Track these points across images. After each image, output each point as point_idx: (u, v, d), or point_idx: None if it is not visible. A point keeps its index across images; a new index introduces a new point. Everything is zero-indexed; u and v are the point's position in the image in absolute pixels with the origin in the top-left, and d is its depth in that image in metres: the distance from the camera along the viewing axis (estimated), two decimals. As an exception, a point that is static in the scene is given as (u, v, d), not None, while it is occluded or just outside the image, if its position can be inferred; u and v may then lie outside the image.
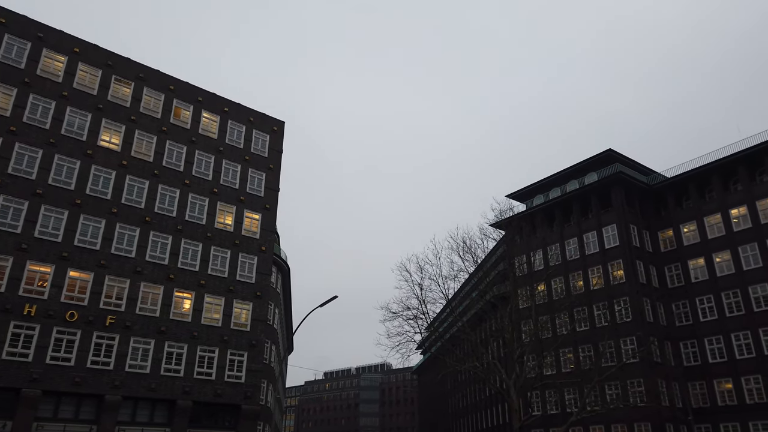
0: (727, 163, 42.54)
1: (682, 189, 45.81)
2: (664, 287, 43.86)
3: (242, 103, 37.38)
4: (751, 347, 37.92)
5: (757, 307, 38.20)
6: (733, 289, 39.88)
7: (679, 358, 41.40)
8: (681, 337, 41.95)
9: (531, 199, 53.24)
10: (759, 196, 40.22)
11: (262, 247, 34.60)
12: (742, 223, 40.67)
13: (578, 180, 49.19)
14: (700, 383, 40.16)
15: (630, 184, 45.75)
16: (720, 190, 42.79)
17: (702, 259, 42.35)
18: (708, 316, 40.96)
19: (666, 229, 45.45)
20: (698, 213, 43.52)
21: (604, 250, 44.51)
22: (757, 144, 40.74)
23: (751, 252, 39.57)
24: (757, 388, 36.99)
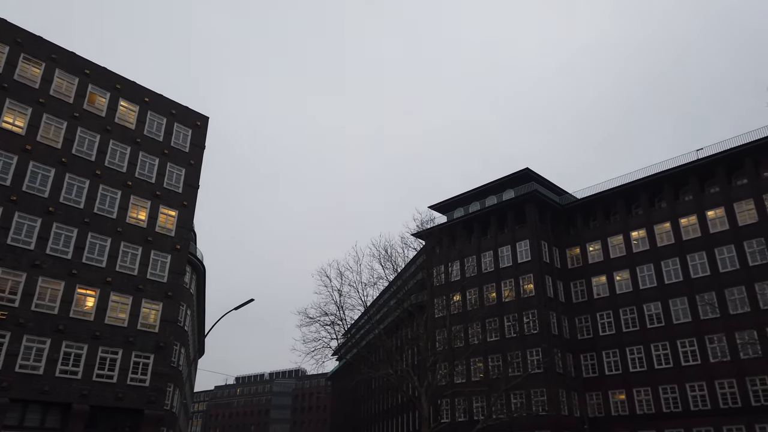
0: (629, 189, 45.80)
1: (590, 210, 48.81)
2: (569, 302, 46.42)
3: (164, 95, 35.88)
4: (644, 361, 40.89)
5: (650, 324, 41.30)
6: (629, 306, 42.89)
7: (579, 370, 43.90)
8: (582, 350, 44.52)
9: (452, 211, 54.76)
10: (657, 221, 43.58)
11: (177, 246, 33.27)
12: (641, 245, 43.89)
13: (497, 196, 51.21)
14: (596, 394, 42.76)
15: (543, 202, 48.16)
16: (623, 213, 45.98)
17: (604, 277, 45.26)
18: (607, 330, 43.77)
19: (574, 247, 48.20)
20: (603, 233, 46.52)
21: (517, 264, 46.49)
22: (657, 173, 44.19)
23: (648, 272, 42.77)
24: (647, 400, 39.90)
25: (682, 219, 42.24)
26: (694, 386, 38.01)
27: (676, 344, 39.58)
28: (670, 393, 38.97)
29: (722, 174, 41.14)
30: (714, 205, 40.86)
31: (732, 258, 38.74)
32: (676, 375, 38.92)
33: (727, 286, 38.23)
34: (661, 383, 39.48)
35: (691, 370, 38.42)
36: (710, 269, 39.49)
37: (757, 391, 35.19)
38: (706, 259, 39.90)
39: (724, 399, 36.43)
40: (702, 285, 39.42)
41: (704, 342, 38.30)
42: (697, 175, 42.60)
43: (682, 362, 38.96)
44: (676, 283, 40.94)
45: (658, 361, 40.15)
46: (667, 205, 43.52)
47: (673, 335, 39.88)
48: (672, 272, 41.44)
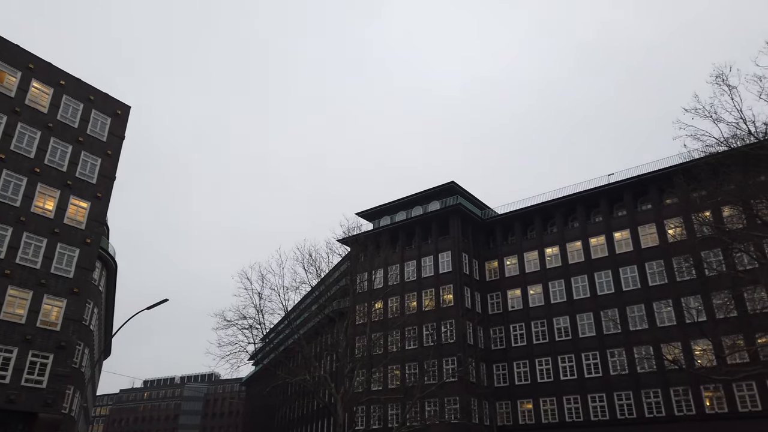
0: (545, 207, 48.16)
1: (509, 226, 50.84)
2: (485, 313, 48.01)
3: (83, 79, 33.86)
4: (551, 372, 42.95)
5: (558, 337, 43.49)
6: (541, 319, 44.96)
7: (491, 379, 45.43)
8: (495, 360, 46.13)
9: (379, 219, 55.28)
10: (569, 239, 46.07)
11: (87, 239, 31.38)
12: (554, 262, 46.21)
13: (423, 207, 52.27)
14: (506, 403, 44.39)
15: (466, 216, 49.66)
16: (540, 229, 48.26)
17: (519, 290, 47.21)
18: (519, 342, 45.62)
19: (492, 260, 49.98)
20: (520, 248, 48.57)
21: (439, 274, 47.59)
22: (571, 194, 46.72)
23: (559, 288, 45.08)
24: (552, 409, 41.89)
25: (591, 239, 44.89)
26: (595, 397, 40.34)
27: (581, 357, 41.88)
28: (573, 403, 41.12)
29: (629, 198, 44.18)
30: (621, 227, 43.75)
31: (634, 278, 41.60)
32: (580, 386, 41.16)
33: (629, 303, 40.97)
34: (566, 394, 41.60)
35: (593, 381, 40.76)
36: (614, 287, 42.18)
37: (651, 403, 37.87)
38: (612, 278, 42.61)
39: (621, 410, 38.92)
40: (606, 302, 42.00)
41: (606, 355, 40.79)
42: (607, 198, 45.47)
43: (586, 374, 41.26)
44: (584, 299, 43.38)
45: (564, 373, 42.31)
46: (579, 224, 46.13)
47: (578, 348, 42.19)
48: (580, 288, 43.90)
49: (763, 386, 33.88)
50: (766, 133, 22.14)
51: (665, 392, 37.34)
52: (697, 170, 24.93)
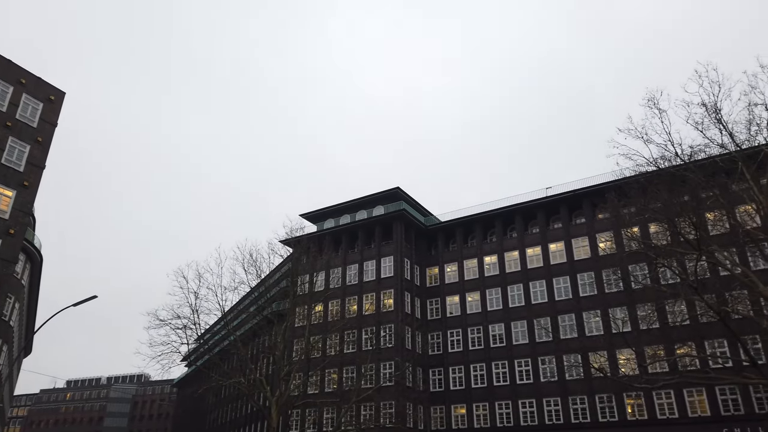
0: (486, 217, 49.41)
1: (451, 233, 51.79)
2: (424, 318, 48.64)
3: (14, 61, 31.98)
4: (485, 378, 43.98)
5: (493, 344, 44.63)
6: (477, 326, 46.00)
7: (427, 384, 46.02)
8: (432, 365, 46.78)
9: (323, 221, 55.03)
10: (507, 249, 47.42)
11: (11, 230, 29.59)
12: (492, 270, 47.43)
13: (367, 211, 52.45)
14: (441, 407, 45.07)
15: (410, 222, 50.21)
16: (480, 238, 49.42)
17: (457, 297, 48.14)
18: (455, 347, 46.46)
19: (433, 267, 50.75)
20: (460, 256, 49.55)
21: (380, 279, 47.86)
22: (510, 205, 48.15)
23: (495, 295, 46.30)
24: (485, 414, 42.88)
25: (528, 249, 46.39)
26: (525, 403, 41.61)
27: (513, 363, 43.13)
28: (505, 409, 42.25)
29: (565, 212, 45.97)
30: (556, 239, 45.45)
31: (567, 288, 43.29)
32: (512, 392, 42.35)
33: (561, 312, 42.59)
34: (499, 399, 42.70)
35: (524, 388, 42.04)
36: (548, 297, 43.74)
37: (577, 410, 39.44)
38: (546, 288, 44.16)
39: (549, 416, 40.32)
40: (540, 310, 43.47)
41: (537, 363, 42.19)
42: (544, 210, 47.13)
43: (518, 380, 42.52)
44: (519, 307, 44.73)
45: (497, 379, 43.43)
46: (518, 235, 47.59)
47: (512, 355, 43.43)
48: (516, 297, 45.26)
49: (680, 395, 36.02)
50: (690, 156, 23.64)
51: (591, 399, 38.99)
52: (627, 188, 26.26)
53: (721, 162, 23.87)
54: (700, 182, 23.20)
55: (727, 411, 34.67)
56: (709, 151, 23.62)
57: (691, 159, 23.45)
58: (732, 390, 34.65)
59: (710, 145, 23.28)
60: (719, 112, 22.68)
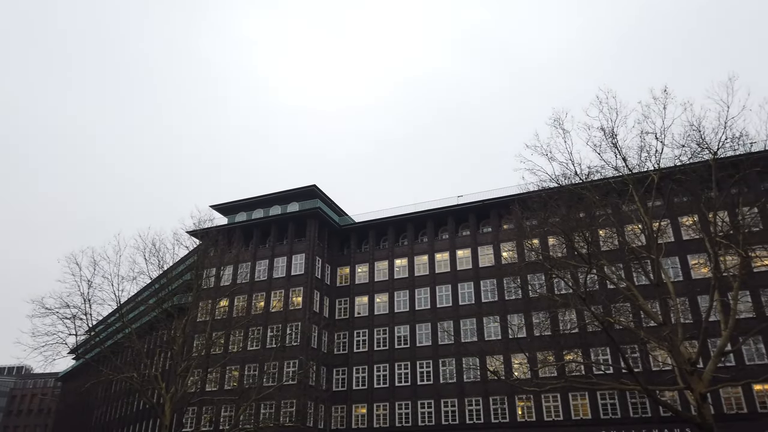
0: (399, 220, 50.32)
1: (364, 234, 52.23)
2: (332, 318, 48.67)
3: None
4: (387, 378, 44.69)
5: (398, 345, 45.48)
6: (384, 327, 46.68)
7: (330, 383, 46.07)
8: (336, 365, 46.88)
9: (234, 214, 53.59)
10: (417, 253, 48.56)
11: None
12: (402, 273, 48.36)
13: (282, 206, 51.73)
14: (342, 407, 45.27)
15: (324, 220, 50.08)
16: (392, 241, 50.22)
17: (366, 298, 48.62)
18: (361, 348, 46.87)
19: (345, 267, 50.93)
20: (371, 257, 50.10)
21: (290, 276, 47.34)
22: (422, 210, 49.37)
23: (403, 298, 47.23)
24: (385, 414, 43.54)
25: (437, 254, 47.78)
26: (424, 403, 42.73)
27: (416, 365, 44.19)
28: (405, 409, 43.15)
29: (473, 220, 47.79)
30: (463, 245, 47.13)
31: (470, 293, 45.01)
32: (413, 393, 43.35)
33: (463, 317, 44.19)
34: (399, 399, 43.53)
35: (424, 389, 43.17)
36: (452, 301, 45.25)
37: (472, 411, 41.07)
38: (451, 292, 45.66)
39: (446, 416, 41.68)
40: (444, 314, 44.85)
41: (438, 364, 43.49)
42: (454, 217, 48.76)
43: (419, 381, 43.60)
44: (424, 310, 45.90)
45: (399, 379, 44.30)
46: (428, 239, 48.86)
47: (415, 356, 44.48)
48: (422, 300, 46.44)
49: (565, 398, 38.55)
50: (588, 176, 25.40)
51: (486, 401, 40.75)
52: (531, 201, 27.73)
53: (614, 183, 25.86)
54: (595, 201, 24.95)
55: (606, 414, 37.52)
56: (605, 172, 25.53)
57: (588, 178, 25.19)
58: (611, 395, 37.55)
59: (606, 166, 25.17)
60: (615, 137, 24.55)
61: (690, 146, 23.38)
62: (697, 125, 23.17)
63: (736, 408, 34.94)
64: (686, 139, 23.46)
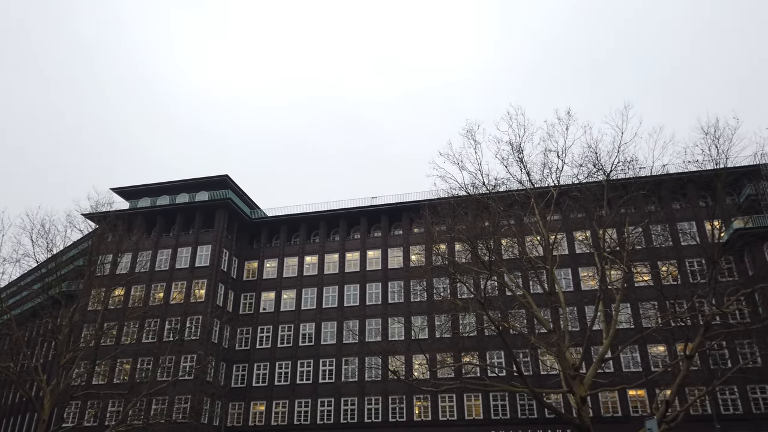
0: (312, 217, 50.01)
1: (275, 229, 51.40)
2: (236, 312, 47.45)
3: None
4: (289, 376, 44.21)
5: (302, 342, 45.17)
6: (289, 324, 46.17)
7: (229, 379, 44.88)
8: (237, 360, 45.75)
9: (137, 199, 50.87)
10: (328, 251, 48.48)
11: None
12: (311, 270, 48.08)
13: (190, 195, 49.75)
14: (240, 404, 44.24)
15: (235, 212, 48.74)
16: (303, 237, 49.79)
17: (273, 294, 47.87)
18: (264, 344, 46.06)
19: (253, 261, 49.84)
20: (282, 253, 49.41)
21: (194, 267, 45.67)
22: (336, 209, 49.37)
23: (311, 295, 46.98)
24: (284, 412, 43.05)
25: (348, 253, 47.97)
26: (325, 402, 42.71)
27: (319, 363, 44.10)
28: (304, 407, 42.88)
29: (386, 222, 48.46)
30: (374, 246, 47.68)
31: (378, 294, 45.61)
32: (314, 391, 43.20)
33: (369, 317, 44.68)
34: (300, 397, 43.20)
35: (326, 387, 43.15)
36: (360, 300, 45.62)
37: (371, 410, 41.59)
38: (359, 292, 46.02)
39: (346, 415, 41.90)
40: (351, 313, 45.10)
41: (341, 363, 43.66)
42: (367, 218, 49.19)
43: (320, 379, 43.53)
44: (331, 308, 45.91)
45: (301, 377, 44.00)
46: (340, 238, 48.94)
47: (318, 354, 44.37)
48: (330, 298, 46.44)
49: (460, 399, 40.06)
50: (494, 187, 26.61)
51: (385, 400, 41.43)
52: (440, 207, 28.57)
53: (518, 196, 27.26)
54: (499, 211, 26.16)
55: (496, 415, 39.39)
56: (510, 184, 26.88)
57: (495, 189, 26.41)
58: (502, 397, 39.47)
59: (511, 179, 26.52)
60: (522, 152, 25.95)
61: (587, 166, 25.21)
62: (594, 147, 25.06)
63: (612, 411, 37.92)
64: (584, 159, 25.30)
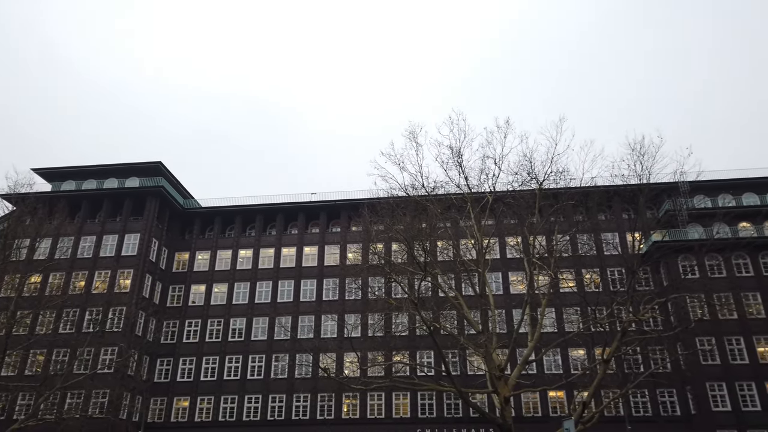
0: (248, 210, 48.98)
1: (209, 221, 49.99)
2: (163, 304, 45.78)
3: None
4: (216, 371, 43.11)
5: (232, 338, 44.19)
6: (219, 318, 45.04)
7: (152, 374, 43.22)
8: (162, 354, 44.12)
9: (61, 182, 48.13)
10: (264, 245, 47.67)
11: None
12: (245, 264, 47.10)
13: (120, 180, 47.57)
14: (162, 399, 42.72)
15: (167, 200, 47.03)
16: (239, 230, 48.67)
17: (204, 287, 46.54)
18: (191, 338, 44.72)
19: (184, 252, 48.26)
20: (215, 245, 48.11)
21: (120, 256, 43.79)
22: (273, 203, 48.64)
23: (243, 290, 46.04)
24: (209, 408, 41.93)
25: (284, 248, 47.35)
26: (252, 398, 41.96)
27: (248, 359, 43.26)
28: (231, 403, 41.96)
29: (324, 219, 48.20)
30: (312, 243, 47.33)
31: (312, 291, 45.30)
32: (241, 387, 42.35)
33: (302, 313, 44.32)
34: (226, 393, 42.25)
35: (254, 383, 42.39)
36: (294, 297, 45.13)
37: (299, 407, 41.25)
38: (293, 288, 45.52)
39: (273, 412, 41.39)
40: (284, 309, 44.58)
41: (271, 360, 43.02)
42: (305, 214, 48.76)
43: (249, 376, 42.74)
44: (264, 303, 45.18)
45: (229, 373, 43.03)
46: (276, 233, 48.22)
47: (248, 350, 43.54)
48: (263, 293, 45.69)
49: (389, 397, 40.44)
50: (433, 189, 27.02)
51: (314, 397, 41.21)
52: (379, 207, 28.70)
53: (455, 200, 27.79)
54: (437, 214, 26.59)
55: (423, 414, 40.04)
56: (448, 188, 27.37)
57: (434, 192, 26.82)
58: (430, 396, 40.17)
59: (450, 183, 27.01)
60: (461, 156, 26.47)
61: (522, 174, 26.02)
62: (529, 157, 25.92)
63: (533, 411, 39.41)
64: (519, 167, 26.10)
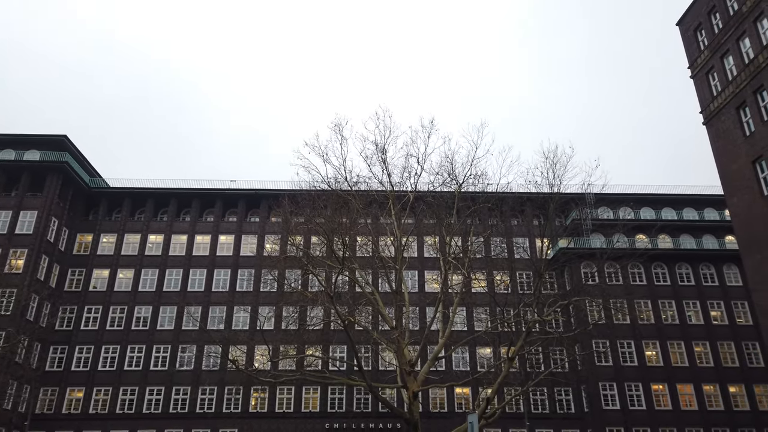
0: (162, 193, 46.65)
1: (118, 202, 47.15)
2: (60, 288, 42.70)
3: None
4: (116, 361, 40.78)
5: (136, 326, 41.97)
6: (122, 305, 42.57)
7: (44, 362, 40.21)
8: (55, 342, 41.17)
9: (-53, 151, 43.60)
10: (177, 231, 45.61)
11: None
12: (155, 250, 44.87)
13: (18, 152, 43.78)
14: (54, 389, 39.87)
15: (71, 177, 43.90)
16: (150, 214, 46.22)
17: (107, 271, 43.86)
18: (90, 325, 42.04)
19: (87, 234, 45.24)
20: (122, 228, 45.45)
21: (13, 234, 40.43)
22: (188, 188, 46.61)
23: (151, 276, 43.79)
24: (106, 399, 39.64)
25: (198, 236, 45.57)
26: (154, 390, 40.06)
27: (152, 348, 41.27)
28: (130, 395, 39.86)
29: (243, 207, 46.88)
30: (228, 231, 45.85)
31: (226, 280, 43.93)
32: (143, 378, 40.35)
33: (214, 303, 42.95)
34: (126, 385, 40.11)
35: (158, 374, 40.47)
36: (206, 286, 43.53)
37: (205, 399, 39.95)
38: (206, 277, 43.95)
39: (176, 404, 39.77)
40: (195, 298, 42.76)
41: (177, 350, 41.25)
42: (223, 201, 47.15)
43: (152, 366, 40.76)
44: (173, 292, 43.25)
45: (130, 363, 40.89)
46: (191, 219, 46.29)
47: (153, 340, 41.51)
48: (173, 281, 43.76)
49: (299, 391, 40.09)
50: (356, 184, 27.01)
51: (221, 390, 40.02)
52: (300, 198, 28.30)
53: (377, 196, 27.92)
54: (358, 209, 26.61)
55: (332, 408, 40.03)
56: (371, 183, 27.46)
57: (356, 186, 26.80)
58: (341, 390, 40.22)
59: (373, 178, 27.10)
60: (385, 153, 26.65)
61: (442, 175, 26.61)
62: (451, 158, 26.55)
63: (440, 407, 40.47)
64: (441, 168, 26.69)
